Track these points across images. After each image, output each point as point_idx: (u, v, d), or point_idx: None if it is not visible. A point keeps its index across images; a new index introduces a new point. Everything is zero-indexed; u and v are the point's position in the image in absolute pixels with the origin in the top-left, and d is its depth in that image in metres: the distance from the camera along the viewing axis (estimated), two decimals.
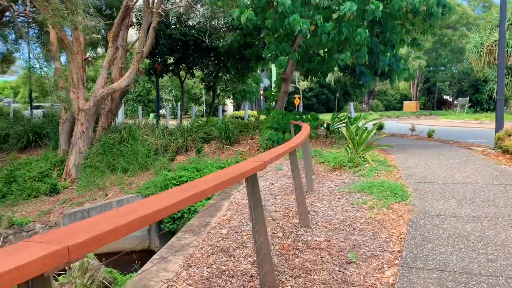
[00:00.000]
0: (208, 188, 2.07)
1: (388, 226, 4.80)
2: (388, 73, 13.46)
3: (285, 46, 11.16)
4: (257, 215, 2.80)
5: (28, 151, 17.26)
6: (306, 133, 5.73)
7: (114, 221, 1.28)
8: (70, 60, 14.90)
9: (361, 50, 11.32)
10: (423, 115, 42.62)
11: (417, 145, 12.62)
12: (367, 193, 6.31)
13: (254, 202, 2.79)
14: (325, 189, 6.69)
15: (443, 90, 56.52)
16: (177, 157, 14.12)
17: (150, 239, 11.91)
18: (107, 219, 1.32)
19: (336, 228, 4.66)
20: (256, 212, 2.79)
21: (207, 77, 20.02)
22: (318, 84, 54.90)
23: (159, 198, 1.74)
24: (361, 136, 8.99)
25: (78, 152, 14.28)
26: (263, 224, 2.86)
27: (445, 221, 4.92)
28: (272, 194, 6.39)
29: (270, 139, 12.65)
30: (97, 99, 14.53)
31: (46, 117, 19.71)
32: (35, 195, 13.29)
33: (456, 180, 7.33)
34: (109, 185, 12.90)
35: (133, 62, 15.16)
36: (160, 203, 1.59)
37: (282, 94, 14.62)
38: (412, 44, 14.67)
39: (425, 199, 6.06)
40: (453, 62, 50.11)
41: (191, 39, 16.88)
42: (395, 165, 8.88)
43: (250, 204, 2.79)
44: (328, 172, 8.19)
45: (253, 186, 2.80)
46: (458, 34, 47.45)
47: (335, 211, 5.38)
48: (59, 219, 11.72)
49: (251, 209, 2.80)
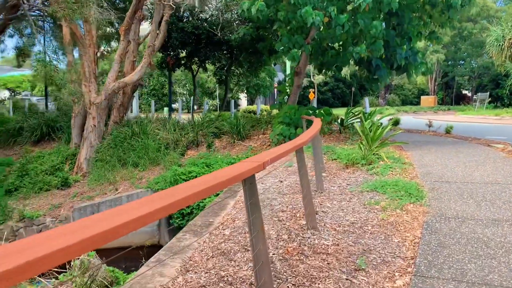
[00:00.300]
0: (190, 195, 1.84)
1: (401, 229, 4.52)
2: (405, 67, 13.05)
3: (298, 39, 10.85)
4: (255, 220, 2.56)
5: (42, 144, 17.32)
6: (316, 130, 5.46)
7: (58, 242, 1.05)
8: (82, 53, 14.83)
9: (376, 43, 10.95)
10: (440, 110, 41.74)
11: (434, 142, 12.22)
12: (380, 193, 6.02)
13: (252, 206, 2.55)
14: (336, 188, 6.42)
15: (461, 85, 55.28)
16: (188, 152, 13.96)
17: (160, 234, 11.80)
18: (50, 238, 1.09)
19: (346, 231, 4.40)
20: (254, 217, 2.55)
21: (219, 71, 19.79)
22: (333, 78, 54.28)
23: (123, 210, 1.51)
24: (376, 132, 8.66)
25: (90, 146, 14.23)
26: (262, 230, 2.63)
27: (463, 225, 4.62)
28: (280, 193, 6.15)
29: (282, 134, 12.38)
30: (108, 92, 14.44)
31: (59, 111, 19.75)
32: (47, 189, 13.29)
33: (475, 180, 6.98)
34: (119, 180, 12.82)
35: (145, 56, 15.02)
36: (122, 217, 1.35)
37: (295, 88, 14.31)
38: (430, 37, 14.18)
39: (441, 199, 5.75)
40: (473, 56, 48.88)
41: (203, 32, 16.65)
42: (411, 163, 8.54)
43: (248, 208, 2.56)
44: (340, 170, 7.90)
45: (250, 189, 2.56)
46: (479, 27, 46.20)
47: (345, 212, 5.12)
48: (69, 213, 11.69)
49: (248, 214, 2.57)
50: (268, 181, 7.24)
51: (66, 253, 1.04)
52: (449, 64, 51.74)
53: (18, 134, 17.66)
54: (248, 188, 2.54)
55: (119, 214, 1.40)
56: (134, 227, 1.47)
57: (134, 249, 10.10)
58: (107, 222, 1.27)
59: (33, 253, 0.99)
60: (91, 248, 1.14)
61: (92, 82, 14.71)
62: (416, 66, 13.12)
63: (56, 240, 1.07)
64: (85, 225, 1.22)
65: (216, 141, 14.47)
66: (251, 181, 2.53)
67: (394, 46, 12.42)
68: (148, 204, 1.70)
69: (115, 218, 1.36)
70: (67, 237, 1.10)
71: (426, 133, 15.06)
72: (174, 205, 1.84)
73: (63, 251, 1.03)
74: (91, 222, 1.29)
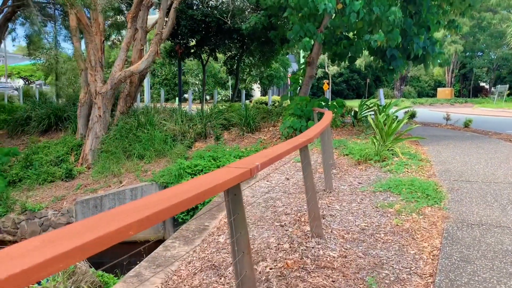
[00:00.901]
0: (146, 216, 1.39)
1: (418, 237, 4.03)
2: (422, 57, 12.38)
3: (310, 27, 10.27)
4: (240, 240, 2.10)
5: (49, 134, 17.07)
6: (324, 125, 4.96)
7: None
8: (88, 41, 14.46)
9: (393, 32, 10.32)
10: (457, 103, 40.64)
11: (452, 136, 11.59)
12: (395, 194, 5.51)
13: (236, 223, 2.09)
14: (346, 187, 5.92)
15: (479, 77, 53.81)
16: (196, 144, 13.54)
17: (165, 229, 11.46)
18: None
19: (355, 239, 3.92)
20: (238, 237, 2.09)
21: (229, 61, 19.26)
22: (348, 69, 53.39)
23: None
24: (390, 126, 8.11)
25: (95, 137, 13.91)
26: (248, 252, 2.17)
27: (488, 233, 4.10)
28: (285, 192, 5.67)
29: (292, 127, 11.87)
30: (114, 82, 14.07)
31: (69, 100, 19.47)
32: (51, 180, 13.04)
33: (499, 179, 6.41)
34: (124, 172, 12.48)
35: (152, 44, 14.58)
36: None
37: (307, 79, 13.74)
38: (449, 26, 13.44)
39: (462, 202, 5.22)
40: (492, 47, 47.39)
41: (213, 20, 16.13)
42: (428, 159, 7.99)
43: (231, 225, 2.09)
44: (351, 166, 7.39)
45: (234, 202, 2.10)
46: (498, 17, 44.66)
47: (355, 215, 4.63)
48: (72, 206, 11.40)
49: (232, 232, 2.11)
50: (274, 179, 6.77)
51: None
52: (467, 55, 50.31)
53: (26, 124, 17.42)
54: (231, 200, 2.08)
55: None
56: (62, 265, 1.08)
57: (138, 244, 9.78)
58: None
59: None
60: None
61: (98, 71, 14.35)
62: (434, 56, 12.45)
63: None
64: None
65: (225, 133, 14.02)
66: (235, 191, 2.07)
67: (411, 35, 11.76)
68: (96, 228, 1.31)
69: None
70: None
71: (444, 126, 14.40)
72: (136, 225, 1.46)
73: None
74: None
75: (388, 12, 9.14)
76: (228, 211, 2.08)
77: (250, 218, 4.52)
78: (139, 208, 1.74)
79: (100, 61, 14.53)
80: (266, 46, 17.50)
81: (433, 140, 10.50)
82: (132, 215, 1.65)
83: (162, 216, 1.75)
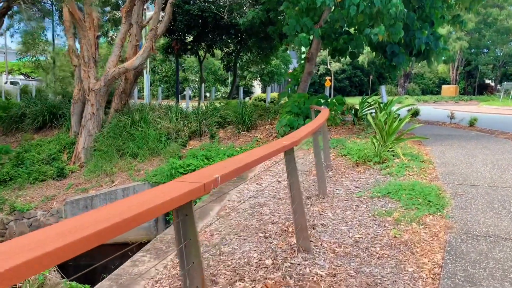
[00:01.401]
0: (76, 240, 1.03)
1: (417, 251, 3.60)
2: (425, 53, 11.91)
3: (307, 21, 9.82)
4: (193, 272, 1.68)
5: (44, 131, 16.71)
6: (316, 125, 4.54)
7: None
8: (81, 36, 14.05)
9: (395, 26, 9.86)
10: (462, 101, 40.02)
11: (456, 136, 11.13)
12: (394, 200, 5.09)
13: (189, 251, 1.67)
14: (341, 192, 5.50)
15: (485, 74, 53.10)
16: (190, 142, 13.14)
17: (157, 230, 11.07)
18: None
19: (347, 254, 3.50)
20: (190, 268, 1.67)
21: (227, 57, 18.81)
22: (351, 66, 52.83)
23: None
24: (391, 125, 7.67)
25: (88, 134, 13.53)
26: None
27: (496, 247, 3.67)
28: (274, 197, 5.25)
29: (289, 125, 11.45)
30: (108, 78, 13.67)
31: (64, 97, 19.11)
32: (42, 179, 12.68)
33: (507, 183, 5.97)
34: (117, 171, 12.10)
35: (147, 40, 14.19)
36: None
37: (305, 75, 13.30)
38: (454, 22, 12.94)
39: (467, 209, 4.79)
40: (498, 44, 46.67)
41: (210, 15, 15.69)
42: (431, 161, 7.55)
43: (181, 253, 1.67)
44: (349, 168, 6.96)
45: (185, 224, 1.68)
46: (505, 13, 43.97)
47: (349, 225, 4.20)
48: (61, 206, 11.03)
49: (182, 261, 1.68)
50: (265, 181, 6.36)
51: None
52: (472, 52, 49.58)
53: (20, 121, 17.06)
54: (181, 222, 1.66)
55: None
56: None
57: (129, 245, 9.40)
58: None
59: None
60: None
61: (92, 67, 13.95)
62: (438, 52, 11.99)
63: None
64: None
65: (220, 131, 13.61)
66: (186, 211, 1.66)
67: (414, 30, 11.30)
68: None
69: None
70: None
71: (448, 125, 13.92)
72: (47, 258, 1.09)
73: None
74: None
75: (389, 4, 8.67)
76: (178, 235, 1.66)
77: (233, 227, 4.10)
78: (64, 232, 1.38)
79: (93, 57, 14.13)
80: (264, 42, 17.05)
81: (436, 140, 10.05)
82: (50, 244, 1.28)
83: (84, 245, 1.37)
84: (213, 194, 5.51)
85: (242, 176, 6.66)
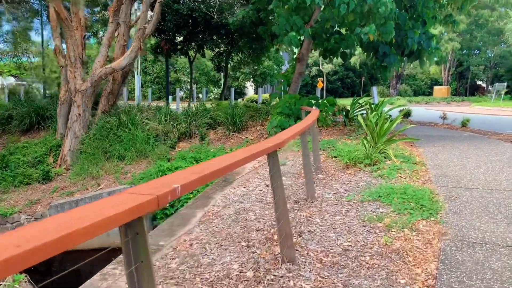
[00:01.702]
0: None
1: (410, 260, 3.38)
2: (417, 53, 11.75)
3: (296, 20, 9.60)
4: None
5: (31, 133, 16.35)
6: (303, 126, 4.32)
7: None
8: (68, 36, 13.75)
9: (387, 25, 9.66)
10: (454, 101, 40.07)
11: (449, 137, 10.97)
12: (385, 204, 4.87)
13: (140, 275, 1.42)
14: (331, 196, 5.27)
15: (476, 75, 53.26)
16: (179, 144, 12.87)
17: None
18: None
19: (335, 264, 3.27)
20: None
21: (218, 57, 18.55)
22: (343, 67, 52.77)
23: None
24: (382, 126, 7.47)
25: (74, 136, 13.22)
26: None
27: (493, 255, 3.46)
28: (261, 201, 5.01)
29: (280, 127, 11.22)
30: (94, 79, 13.38)
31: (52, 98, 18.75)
32: (27, 182, 12.35)
33: (502, 185, 5.78)
34: (103, 174, 11.80)
35: (135, 40, 13.90)
36: None
37: (296, 76, 13.08)
38: (446, 22, 12.79)
39: (461, 214, 4.59)
40: (489, 45, 46.84)
41: (200, 15, 15.43)
42: (423, 162, 7.36)
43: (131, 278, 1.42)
44: (339, 171, 6.74)
45: (136, 245, 1.42)
46: (496, 14, 44.10)
47: (338, 232, 3.98)
48: (46, 210, 10.71)
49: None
50: (252, 183, 6.12)
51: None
52: (464, 53, 49.74)
53: (7, 123, 16.67)
54: (131, 242, 1.41)
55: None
56: None
57: (113, 250, 9.12)
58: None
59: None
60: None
61: (78, 67, 13.65)
62: (430, 52, 11.83)
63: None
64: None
65: (210, 132, 13.35)
66: (137, 229, 1.41)
67: (406, 29, 11.13)
68: None
69: None
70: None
71: (440, 126, 13.78)
72: None
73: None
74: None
75: (379, 3, 8.47)
76: (127, 257, 1.41)
77: (215, 235, 3.86)
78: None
79: (80, 57, 13.83)
80: (255, 43, 16.82)
81: (429, 141, 9.88)
82: None
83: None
84: (198, 199, 5.27)
85: (229, 179, 6.43)
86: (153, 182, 1.64)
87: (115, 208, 1.30)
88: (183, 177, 1.64)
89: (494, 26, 43.99)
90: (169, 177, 1.72)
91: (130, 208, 1.29)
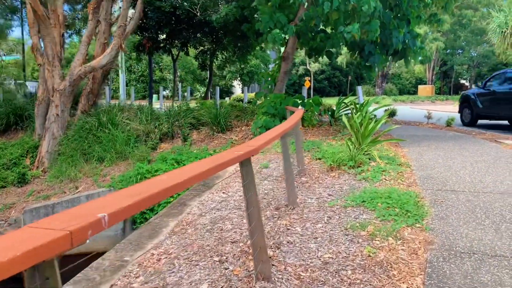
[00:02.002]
0: None
1: (394, 274, 3.16)
2: (402, 52, 11.63)
3: (280, 17, 9.37)
4: None
5: (8, 134, 15.84)
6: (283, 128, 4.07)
7: None
8: (45, 34, 13.29)
9: (371, 23, 9.50)
10: (438, 100, 40.30)
11: (434, 136, 10.85)
12: (369, 209, 4.66)
13: None
14: (313, 201, 5.04)
15: (460, 74, 53.80)
16: (161, 145, 12.54)
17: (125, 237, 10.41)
18: None
19: (314, 280, 3.03)
20: None
21: (202, 55, 18.22)
22: (330, 67, 52.85)
23: None
24: (367, 127, 7.28)
25: (52, 137, 12.79)
26: None
27: (482, 266, 3.26)
28: (240, 208, 4.76)
29: (264, 127, 10.97)
30: (73, 78, 12.96)
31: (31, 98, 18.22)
32: (2, 185, 11.90)
33: (488, 188, 5.62)
34: (82, 176, 11.42)
35: (115, 37, 13.52)
36: None
37: (281, 75, 12.85)
38: (431, 21, 12.70)
39: (448, 219, 4.40)
40: (472, 45, 47.33)
41: (183, 12, 15.10)
42: (408, 163, 7.19)
43: None
44: (323, 173, 6.52)
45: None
46: (479, 15, 44.60)
47: (319, 242, 3.74)
48: (20, 215, 10.30)
49: None
50: (233, 188, 5.86)
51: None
52: (448, 53, 50.20)
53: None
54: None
55: None
56: None
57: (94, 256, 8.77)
58: None
59: None
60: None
61: (56, 66, 13.21)
62: (415, 51, 11.72)
63: None
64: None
65: (194, 133, 13.04)
66: (46, 272, 1.13)
67: (391, 28, 10.98)
68: None
69: None
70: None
71: (425, 125, 13.69)
72: None
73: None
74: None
75: (362, 1, 8.28)
76: None
77: (186, 248, 3.59)
78: None
79: (58, 55, 13.38)
80: (240, 41, 16.54)
81: (413, 141, 9.73)
82: None
83: None
84: (173, 206, 4.99)
85: (208, 183, 6.16)
86: (76, 209, 1.34)
87: (27, 246, 1.02)
88: (114, 202, 1.34)
89: (477, 26, 44.47)
90: (96, 202, 1.41)
91: (26, 252, 1.00)
